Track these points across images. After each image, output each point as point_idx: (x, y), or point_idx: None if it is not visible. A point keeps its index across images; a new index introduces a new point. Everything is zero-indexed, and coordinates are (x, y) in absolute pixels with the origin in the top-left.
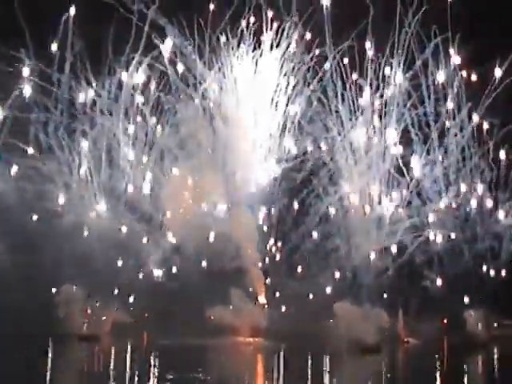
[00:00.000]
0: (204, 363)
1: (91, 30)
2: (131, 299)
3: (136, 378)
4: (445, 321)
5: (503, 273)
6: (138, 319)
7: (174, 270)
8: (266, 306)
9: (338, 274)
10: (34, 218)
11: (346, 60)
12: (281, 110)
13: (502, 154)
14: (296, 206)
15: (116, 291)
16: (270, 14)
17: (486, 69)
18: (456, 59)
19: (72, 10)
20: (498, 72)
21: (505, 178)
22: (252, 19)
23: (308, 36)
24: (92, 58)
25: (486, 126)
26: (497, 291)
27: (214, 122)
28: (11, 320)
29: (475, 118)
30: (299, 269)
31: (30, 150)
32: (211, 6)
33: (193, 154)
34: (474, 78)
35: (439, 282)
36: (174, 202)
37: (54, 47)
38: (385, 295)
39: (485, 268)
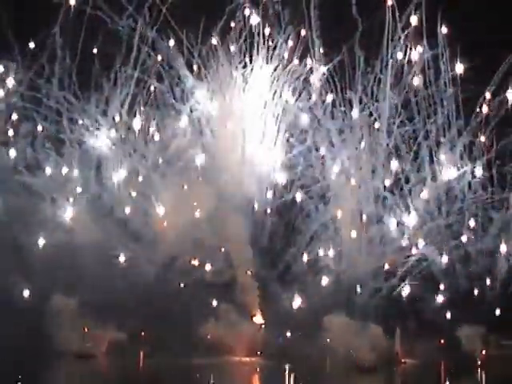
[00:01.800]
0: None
1: (78, 44)
2: (126, 317)
3: None
4: (442, 341)
5: (501, 292)
6: (135, 338)
7: (168, 286)
8: (263, 326)
9: (330, 294)
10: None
11: (335, 76)
12: (270, 126)
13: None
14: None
15: (111, 309)
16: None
17: (477, 84)
18: (446, 75)
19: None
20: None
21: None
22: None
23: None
24: (79, 72)
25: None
26: (494, 311)
27: (203, 137)
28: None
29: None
30: (292, 288)
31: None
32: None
33: (182, 170)
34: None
35: (434, 301)
36: (164, 218)
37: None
38: (380, 315)
39: (481, 287)
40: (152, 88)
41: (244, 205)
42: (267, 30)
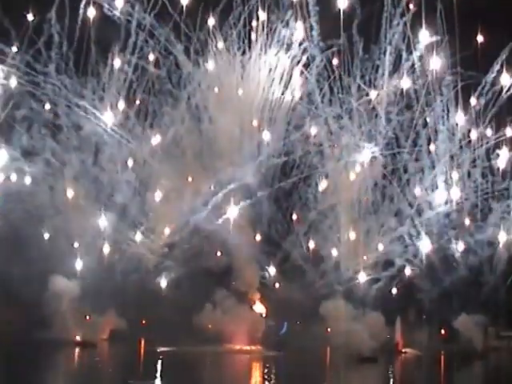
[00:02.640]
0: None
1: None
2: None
3: None
4: (442, 331)
5: (501, 282)
6: (135, 326)
7: (168, 275)
8: (264, 315)
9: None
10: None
11: (333, 62)
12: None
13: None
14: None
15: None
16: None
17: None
18: (444, 62)
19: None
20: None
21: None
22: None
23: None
24: (76, 57)
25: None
26: (495, 302)
27: (201, 123)
28: None
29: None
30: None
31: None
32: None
33: (179, 156)
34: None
35: (434, 292)
36: (162, 205)
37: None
38: (380, 305)
39: (481, 278)
40: (149, 74)
41: (242, 190)
42: (266, 15)
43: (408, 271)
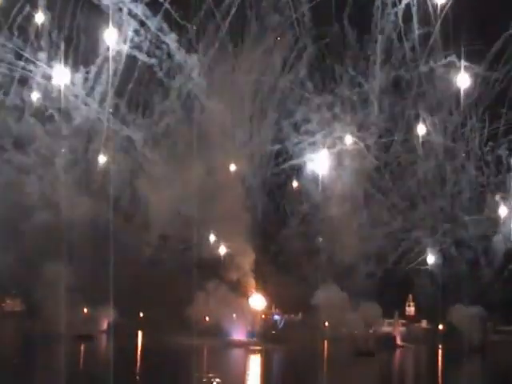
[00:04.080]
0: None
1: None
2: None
3: None
4: (440, 326)
5: (499, 277)
6: (133, 319)
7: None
8: (261, 308)
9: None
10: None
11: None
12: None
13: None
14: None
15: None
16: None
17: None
18: (437, 54)
19: None
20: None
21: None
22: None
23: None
24: (67, 47)
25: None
26: (492, 296)
27: (193, 112)
28: None
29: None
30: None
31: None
32: None
33: (171, 147)
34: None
35: (430, 286)
36: (155, 197)
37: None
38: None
39: (479, 272)
40: (141, 63)
41: (235, 180)
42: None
43: (404, 265)
